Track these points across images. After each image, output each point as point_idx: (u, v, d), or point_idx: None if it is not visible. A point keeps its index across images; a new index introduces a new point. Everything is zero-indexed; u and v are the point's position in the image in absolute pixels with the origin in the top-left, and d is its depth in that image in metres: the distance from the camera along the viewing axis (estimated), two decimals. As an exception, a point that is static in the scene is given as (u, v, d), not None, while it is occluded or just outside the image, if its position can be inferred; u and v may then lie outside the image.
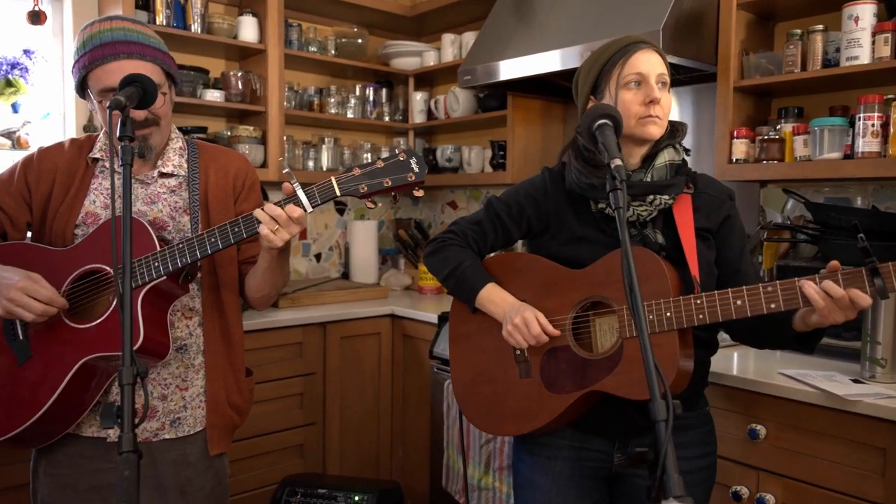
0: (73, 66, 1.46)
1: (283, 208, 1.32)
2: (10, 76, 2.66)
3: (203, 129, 2.83)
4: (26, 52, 2.69)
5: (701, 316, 1.26)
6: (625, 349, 1.32)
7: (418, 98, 3.34)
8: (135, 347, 1.31)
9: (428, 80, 3.46)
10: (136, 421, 1.01)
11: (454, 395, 1.55)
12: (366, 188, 1.32)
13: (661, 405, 0.90)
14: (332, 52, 3.16)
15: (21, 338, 1.41)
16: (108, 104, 1.18)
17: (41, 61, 2.70)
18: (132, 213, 1.49)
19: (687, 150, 1.46)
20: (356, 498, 2.22)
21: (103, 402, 1.45)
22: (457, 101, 3.13)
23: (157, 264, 1.36)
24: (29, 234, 1.55)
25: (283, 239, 1.34)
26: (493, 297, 1.45)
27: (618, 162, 1.06)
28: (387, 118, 3.35)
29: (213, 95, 2.77)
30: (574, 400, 1.35)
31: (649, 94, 1.36)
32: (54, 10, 2.67)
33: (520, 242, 1.83)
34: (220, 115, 2.99)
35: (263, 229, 1.32)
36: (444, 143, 3.38)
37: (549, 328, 1.38)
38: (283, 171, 1.38)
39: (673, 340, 1.27)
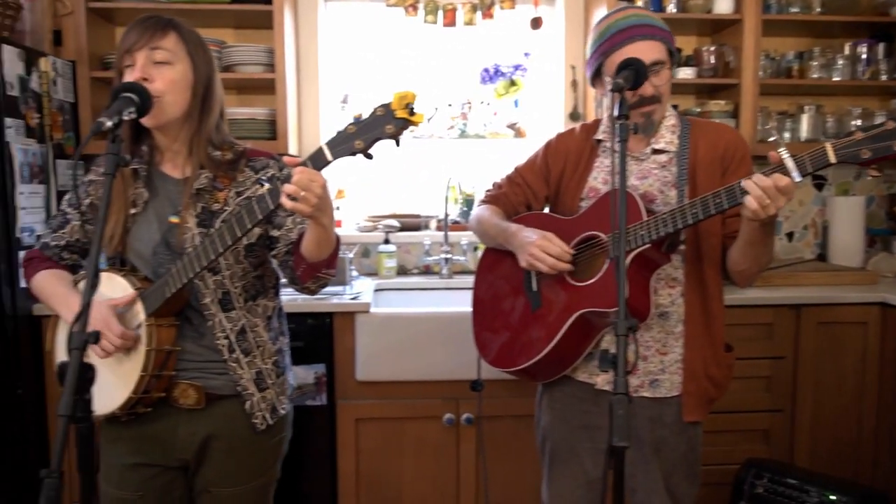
0: (591, 57, 1.66)
1: (769, 178, 1.29)
2: (513, 77, 3.19)
3: (673, 108, 2.90)
4: (526, 54, 3.18)
5: None
6: None
7: (929, 48, 2.79)
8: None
9: (944, 24, 2.85)
10: (628, 369, 1.14)
11: None
12: (869, 153, 1.19)
13: None
14: (818, 9, 2.86)
15: (535, 289, 1.70)
16: (608, 87, 1.34)
17: (536, 61, 3.16)
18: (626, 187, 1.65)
19: None
20: (832, 497, 2.02)
21: (597, 351, 1.64)
22: None
23: (642, 233, 1.48)
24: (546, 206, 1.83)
25: (768, 212, 1.30)
26: None
27: None
28: (883, 77, 2.88)
29: (685, 73, 2.81)
30: None
31: None
32: (549, 15, 3.07)
33: None
34: (688, 92, 3.01)
35: (751, 201, 1.30)
36: (965, 100, 2.75)
37: None
38: (770, 140, 1.34)
39: None
